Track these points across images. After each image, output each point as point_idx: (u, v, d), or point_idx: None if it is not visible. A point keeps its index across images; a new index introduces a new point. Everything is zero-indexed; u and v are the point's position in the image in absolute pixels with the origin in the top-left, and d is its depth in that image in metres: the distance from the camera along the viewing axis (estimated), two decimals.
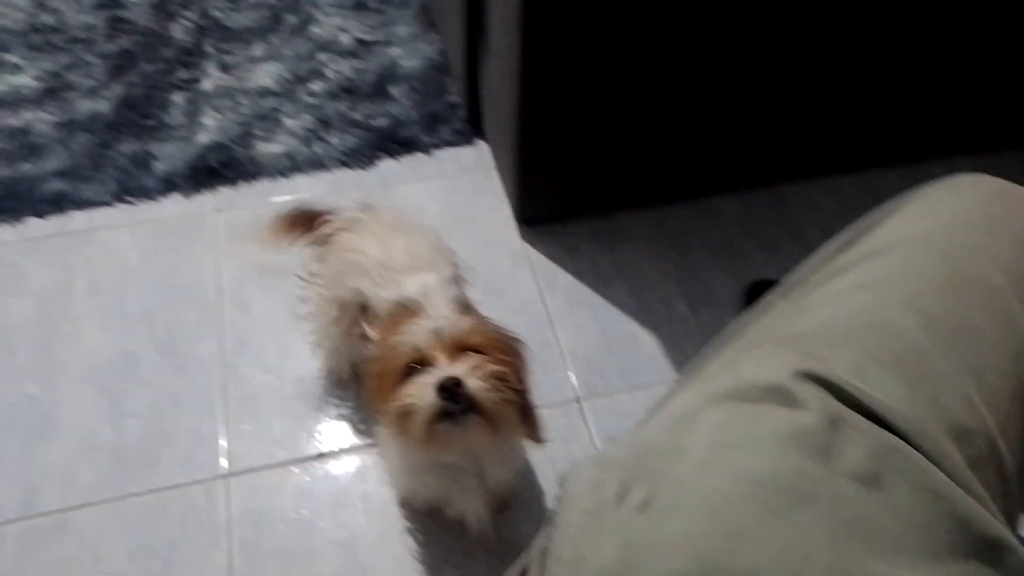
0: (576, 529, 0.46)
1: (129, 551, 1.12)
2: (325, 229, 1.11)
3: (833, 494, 0.44)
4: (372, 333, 1.01)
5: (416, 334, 0.86)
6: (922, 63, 1.39)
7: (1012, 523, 0.45)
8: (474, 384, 0.83)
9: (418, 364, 0.86)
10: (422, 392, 0.83)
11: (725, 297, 1.41)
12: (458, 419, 0.84)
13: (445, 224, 1.29)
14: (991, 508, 0.44)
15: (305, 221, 1.17)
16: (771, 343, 0.57)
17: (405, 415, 0.85)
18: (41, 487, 1.17)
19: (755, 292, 1.36)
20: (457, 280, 1.05)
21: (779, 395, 0.50)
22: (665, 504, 0.46)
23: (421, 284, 0.98)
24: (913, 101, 1.47)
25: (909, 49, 1.35)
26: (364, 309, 1.04)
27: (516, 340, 0.93)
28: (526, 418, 0.92)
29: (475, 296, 1.08)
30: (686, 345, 1.34)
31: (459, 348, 0.86)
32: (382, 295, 0.99)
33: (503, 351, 0.88)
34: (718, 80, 1.30)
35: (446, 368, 0.84)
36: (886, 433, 0.46)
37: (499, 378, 0.85)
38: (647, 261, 1.47)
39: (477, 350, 0.86)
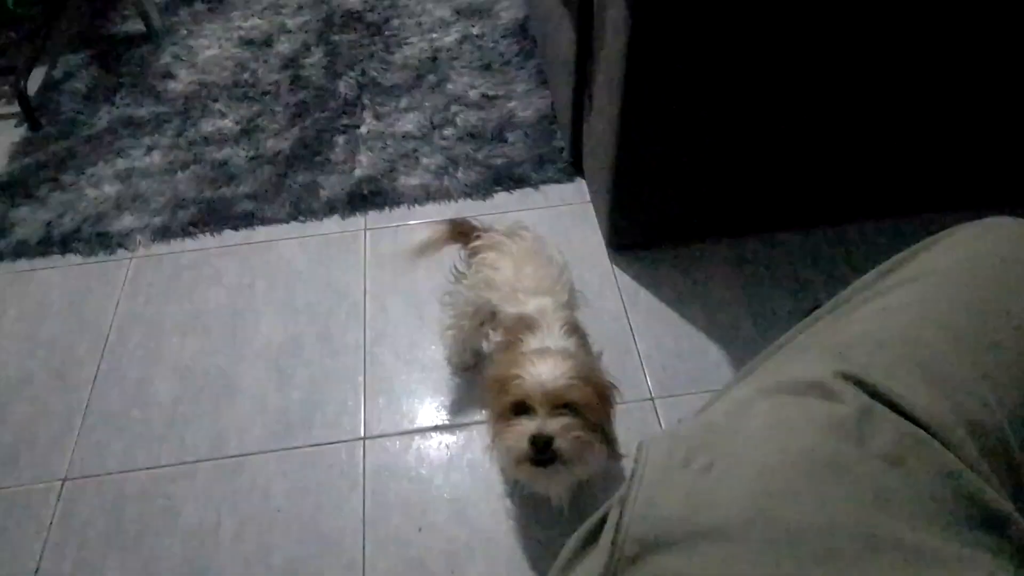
0: (650, 482, 0.50)
1: (287, 491, 1.22)
2: (476, 243, 1.17)
3: (863, 469, 0.46)
4: (494, 336, 1.08)
5: (526, 383, 0.90)
6: (986, 113, 1.34)
7: (1020, 505, 0.46)
8: (562, 443, 0.89)
9: (523, 406, 0.91)
10: (519, 438, 0.90)
11: (787, 318, 1.40)
12: (546, 465, 0.91)
13: None
14: (998, 488, 0.45)
15: (463, 233, 1.21)
16: (816, 349, 0.59)
17: (505, 447, 0.93)
18: (225, 436, 1.30)
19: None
20: (571, 305, 1.10)
21: (819, 390, 0.52)
22: (723, 468, 0.49)
23: (539, 305, 1.04)
24: (972, 149, 1.42)
25: (971, 98, 1.31)
26: (492, 315, 1.11)
27: (610, 386, 0.96)
28: (608, 444, 0.96)
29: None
30: (749, 357, 1.31)
31: (558, 403, 0.90)
32: (507, 309, 1.06)
33: (593, 406, 0.92)
34: (789, 133, 1.30)
35: (543, 421, 0.89)
36: (910, 424, 0.47)
37: (586, 432, 0.90)
38: (720, 286, 1.47)
39: (574, 406, 0.90)
